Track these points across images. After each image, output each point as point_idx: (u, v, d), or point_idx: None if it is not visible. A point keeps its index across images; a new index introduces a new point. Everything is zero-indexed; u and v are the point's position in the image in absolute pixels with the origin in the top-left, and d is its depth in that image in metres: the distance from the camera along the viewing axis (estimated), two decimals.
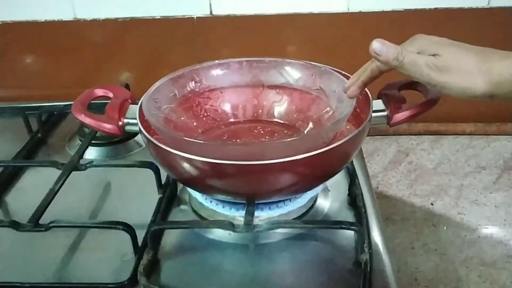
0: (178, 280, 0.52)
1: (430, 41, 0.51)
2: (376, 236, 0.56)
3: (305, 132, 0.64)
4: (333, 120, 0.59)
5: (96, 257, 0.55)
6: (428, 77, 0.50)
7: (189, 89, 0.64)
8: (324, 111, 0.63)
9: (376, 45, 0.53)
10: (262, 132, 0.66)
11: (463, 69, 0.49)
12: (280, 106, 0.67)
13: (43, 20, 0.90)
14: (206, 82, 0.66)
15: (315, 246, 0.55)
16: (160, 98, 0.60)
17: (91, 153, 0.73)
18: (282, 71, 0.66)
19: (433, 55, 0.50)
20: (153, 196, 0.62)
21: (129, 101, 0.60)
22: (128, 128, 0.58)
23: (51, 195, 0.57)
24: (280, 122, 0.67)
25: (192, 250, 0.56)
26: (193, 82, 0.65)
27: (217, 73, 0.66)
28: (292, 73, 0.66)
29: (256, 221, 0.53)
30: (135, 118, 0.56)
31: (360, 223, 0.56)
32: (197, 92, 0.65)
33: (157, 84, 0.61)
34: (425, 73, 0.50)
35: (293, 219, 0.58)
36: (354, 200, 0.60)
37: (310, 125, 0.65)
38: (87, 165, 0.62)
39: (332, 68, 0.63)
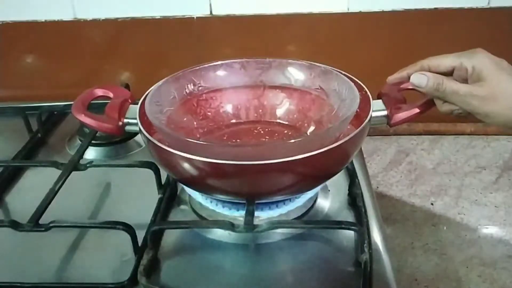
0: (178, 280, 0.52)
1: (485, 61, 0.50)
2: (376, 236, 0.56)
3: (308, 132, 0.64)
4: (335, 119, 0.59)
5: (96, 257, 0.55)
6: (470, 107, 0.50)
7: (188, 91, 0.64)
8: (325, 110, 0.63)
9: (414, 79, 0.53)
10: (262, 132, 0.66)
11: (508, 99, 0.48)
12: (280, 107, 0.67)
13: (43, 20, 0.90)
14: (206, 84, 0.66)
15: (315, 246, 0.55)
16: (161, 101, 0.60)
17: (91, 153, 0.73)
18: (283, 71, 0.66)
19: (479, 81, 0.49)
20: (153, 196, 0.62)
21: (129, 101, 0.60)
22: (128, 128, 0.58)
23: (51, 195, 0.57)
24: (280, 123, 0.67)
25: (192, 250, 0.56)
26: (192, 83, 0.65)
27: (217, 74, 0.66)
28: (293, 73, 0.66)
29: (256, 221, 0.53)
30: (135, 118, 0.56)
31: (360, 223, 0.56)
32: (197, 93, 0.65)
33: (156, 86, 0.60)
34: (468, 102, 0.50)
35: (293, 219, 0.58)
36: (354, 200, 0.60)
37: (311, 125, 0.65)
38: (87, 165, 0.62)
39: (332, 68, 0.63)
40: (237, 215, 0.57)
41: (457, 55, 0.53)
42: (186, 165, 0.51)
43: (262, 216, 0.56)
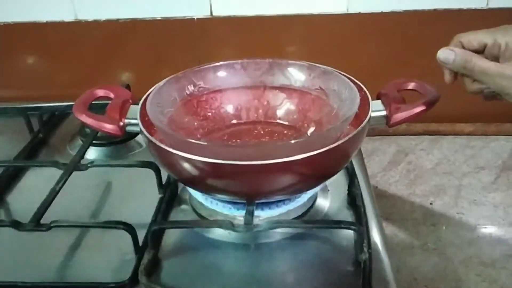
0: (178, 279, 0.52)
1: None
2: (376, 235, 0.56)
3: (308, 132, 0.65)
4: (335, 120, 0.59)
5: (97, 256, 0.55)
6: (500, 87, 0.48)
7: (189, 92, 0.64)
8: (325, 111, 0.63)
9: (441, 54, 0.51)
10: (262, 132, 0.66)
11: None
12: (281, 107, 0.67)
13: (45, 21, 0.90)
14: (206, 84, 0.66)
15: (315, 245, 0.56)
16: (162, 102, 0.60)
17: (92, 153, 0.73)
18: (283, 72, 0.66)
19: (511, 59, 0.47)
20: (154, 196, 0.62)
21: (130, 101, 0.61)
22: (129, 128, 0.58)
23: (52, 195, 0.57)
24: (281, 123, 0.67)
25: (192, 249, 0.56)
26: (192, 84, 0.65)
27: (217, 75, 0.66)
28: (293, 74, 0.66)
29: (256, 220, 0.53)
30: (136, 119, 0.57)
31: (360, 223, 0.56)
32: (198, 94, 0.65)
33: (157, 87, 0.61)
34: (497, 82, 0.48)
35: (293, 218, 0.58)
36: (353, 200, 0.60)
37: (311, 125, 0.65)
38: (88, 165, 0.63)
39: (332, 68, 0.63)
40: (237, 214, 0.57)
41: (491, 30, 0.50)
42: (186, 165, 0.51)
43: (262, 215, 0.57)
